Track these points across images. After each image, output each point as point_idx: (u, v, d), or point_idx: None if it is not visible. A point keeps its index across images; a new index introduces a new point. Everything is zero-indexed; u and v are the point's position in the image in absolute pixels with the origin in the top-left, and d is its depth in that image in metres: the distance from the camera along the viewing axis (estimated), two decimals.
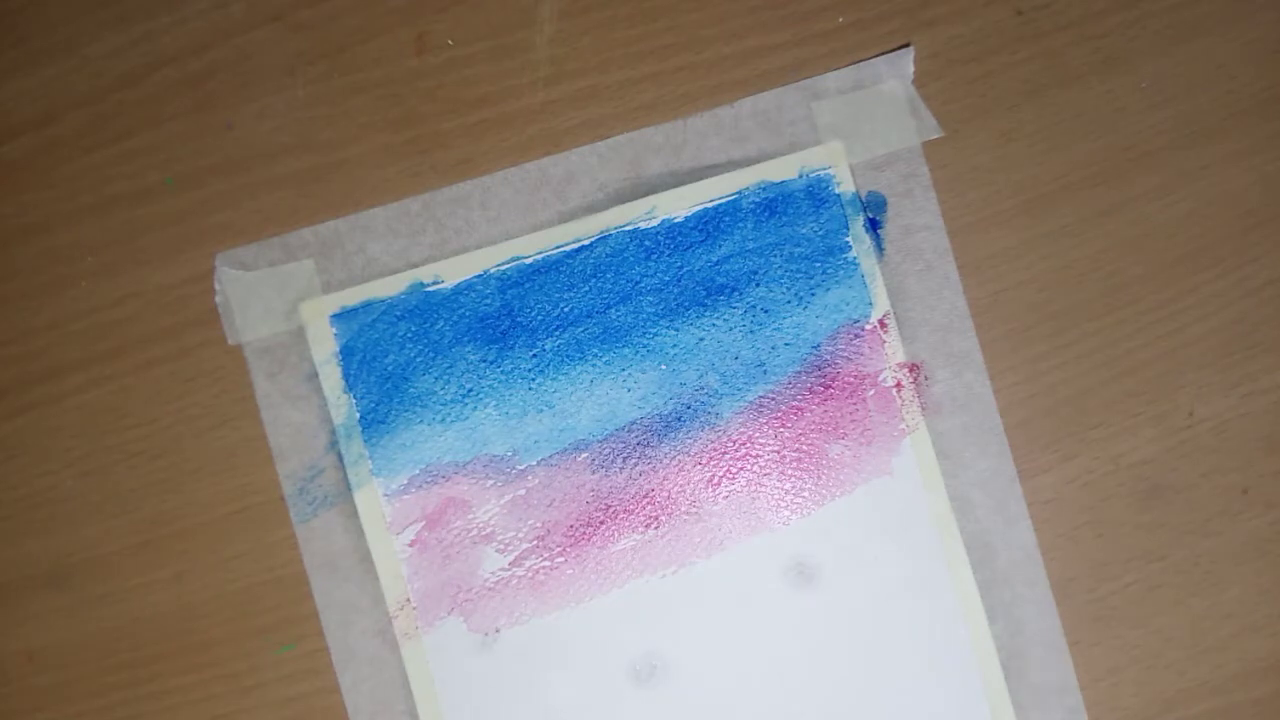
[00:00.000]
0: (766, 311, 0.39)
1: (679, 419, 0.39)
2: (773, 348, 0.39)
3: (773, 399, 0.39)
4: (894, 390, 0.39)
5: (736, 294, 0.39)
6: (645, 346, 0.39)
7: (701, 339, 0.39)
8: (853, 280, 0.39)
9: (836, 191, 0.39)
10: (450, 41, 0.40)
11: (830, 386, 0.39)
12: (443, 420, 0.39)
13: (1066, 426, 0.39)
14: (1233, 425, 0.39)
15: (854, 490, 0.39)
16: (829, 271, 0.39)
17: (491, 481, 0.39)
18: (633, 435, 0.39)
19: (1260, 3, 0.40)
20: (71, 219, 0.40)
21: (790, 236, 0.39)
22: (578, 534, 0.39)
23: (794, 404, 0.39)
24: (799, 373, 0.39)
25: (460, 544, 0.39)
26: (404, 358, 0.39)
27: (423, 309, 0.39)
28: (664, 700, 0.38)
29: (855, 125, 0.39)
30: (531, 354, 0.39)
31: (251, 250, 0.40)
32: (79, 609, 0.39)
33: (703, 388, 0.39)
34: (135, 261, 0.40)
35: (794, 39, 0.40)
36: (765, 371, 0.39)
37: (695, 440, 0.39)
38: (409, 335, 0.39)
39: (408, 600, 0.39)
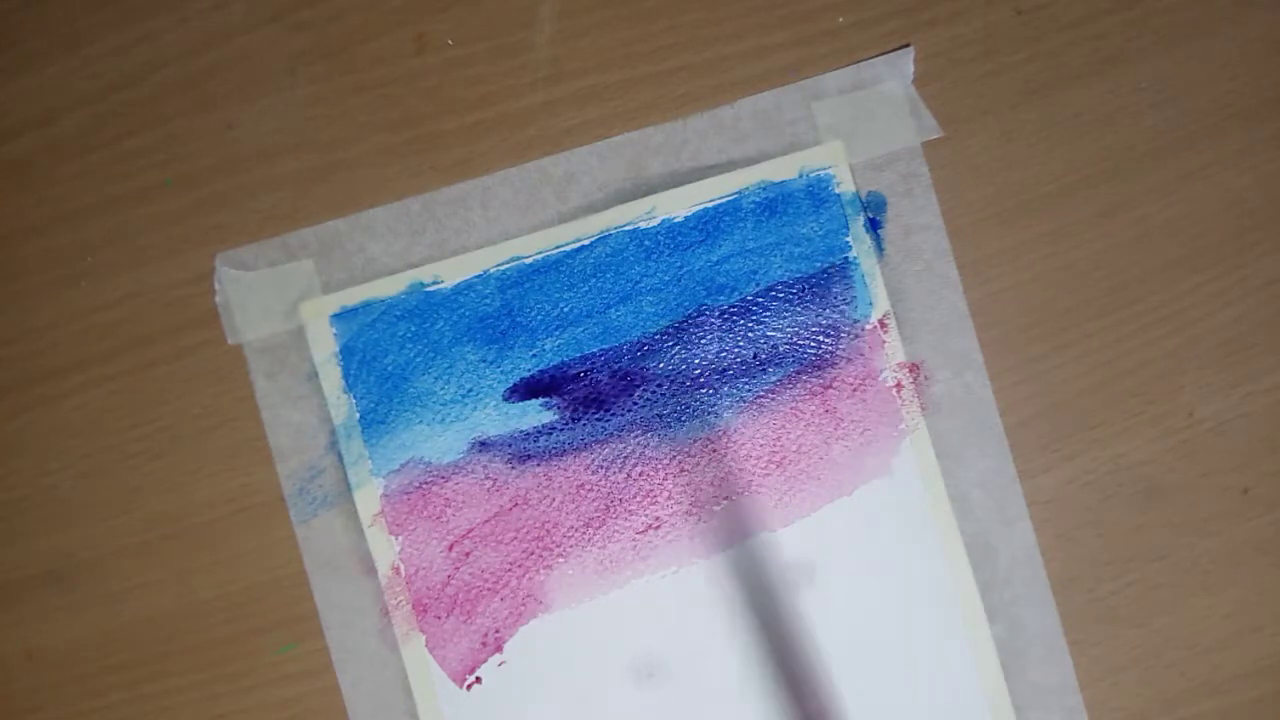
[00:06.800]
0: (767, 311, 0.39)
1: (679, 419, 0.39)
2: (773, 348, 0.39)
3: (773, 399, 0.39)
4: (894, 390, 0.39)
5: (736, 294, 0.39)
6: (645, 347, 0.39)
7: (702, 339, 0.39)
8: (853, 280, 0.39)
9: (836, 191, 0.39)
10: (450, 41, 0.40)
11: (830, 386, 0.39)
12: (442, 420, 0.39)
13: (1066, 426, 0.39)
14: (1233, 425, 0.39)
15: (854, 490, 0.39)
16: (829, 271, 0.39)
17: (491, 482, 0.39)
18: (633, 435, 0.39)
19: (1260, 3, 0.40)
20: (71, 219, 0.40)
21: (790, 236, 0.39)
22: (578, 534, 0.39)
23: (794, 404, 0.39)
24: (799, 373, 0.39)
25: (460, 544, 0.39)
26: (404, 358, 0.39)
27: (422, 309, 0.39)
28: (664, 700, 0.38)
29: (855, 125, 0.39)
30: (531, 354, 0.39)
31: (251, 250, 0.40)
32: (79, 609, 0.39)
33: (703, 387, 0.39)
34: (135, 261, 0.40)
35: (794, 39, 0.40)
36: (765, 371, 0.39)
37: (695, 440, 0.39)
38: (409, 335, 0.39)
39: (407, 600, 0.39)
